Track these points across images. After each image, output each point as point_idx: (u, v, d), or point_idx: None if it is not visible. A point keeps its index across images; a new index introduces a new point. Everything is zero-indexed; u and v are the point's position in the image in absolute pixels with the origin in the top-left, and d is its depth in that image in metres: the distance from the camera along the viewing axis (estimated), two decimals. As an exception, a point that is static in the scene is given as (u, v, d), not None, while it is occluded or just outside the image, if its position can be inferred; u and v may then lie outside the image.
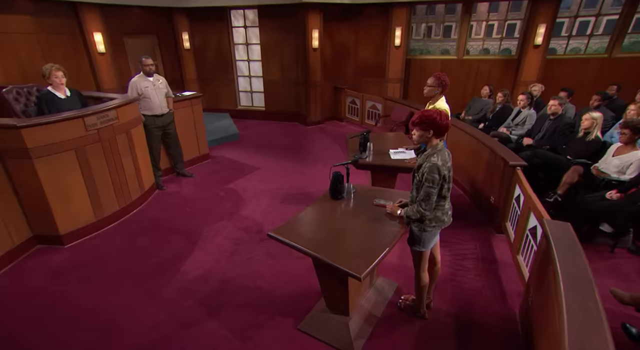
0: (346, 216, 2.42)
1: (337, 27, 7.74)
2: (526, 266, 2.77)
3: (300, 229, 2.30)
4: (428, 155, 2.09)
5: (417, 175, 2.14)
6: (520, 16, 7.52)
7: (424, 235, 2.25)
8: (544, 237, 2.22)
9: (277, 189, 4.75)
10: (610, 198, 3.36)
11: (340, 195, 2.61)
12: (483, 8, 7.89)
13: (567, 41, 7.68)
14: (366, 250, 2.03)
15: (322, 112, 8.03)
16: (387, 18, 7.45)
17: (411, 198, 2.26)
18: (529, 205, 2.79)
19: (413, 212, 2.17)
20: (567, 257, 1.85)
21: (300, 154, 6.17)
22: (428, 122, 2.06)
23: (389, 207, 2.41)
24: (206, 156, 5.78)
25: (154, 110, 4.52)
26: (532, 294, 2.26)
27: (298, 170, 5.40)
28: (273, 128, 7.91)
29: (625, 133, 3.54)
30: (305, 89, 7.69)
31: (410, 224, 2.27)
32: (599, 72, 7.22)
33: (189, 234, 3.72)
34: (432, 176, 2.03)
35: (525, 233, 2.87)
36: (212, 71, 8.42)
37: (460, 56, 7.69)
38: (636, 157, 3.52)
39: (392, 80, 7.84)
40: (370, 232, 2.23)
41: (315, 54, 7.34)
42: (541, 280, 2.12)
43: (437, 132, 2.07)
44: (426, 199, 2.09)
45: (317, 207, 2.55)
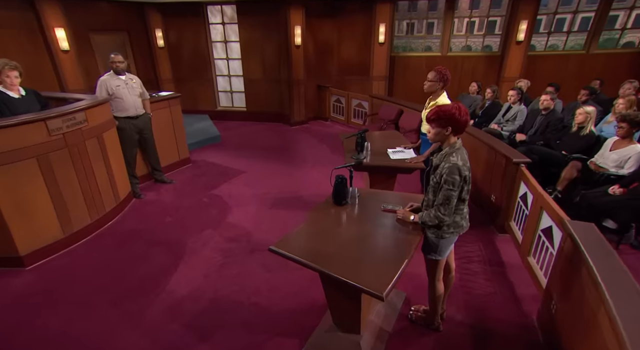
0: (354, 224, 2.19)
1: (320, 24, 7.52)
2: (540, 269, 2.64)
3: (304, 241, 2.05)
4: (446, 155, 1.90)
5: (433, 177, 1.94)
6: (501, 13, 7.56)
7: (441, 243, 2.05)
8: (567, 240, 2.07)
9: (266, 193, 4.47)
10: (613, 193, 3.29)
11: (344, 201, 2.37)
12: (464, 5, 7.92)
13: (546, 38, 7.80)
14: (383, 263, 1.80)
15: (306, 111, 7.78)
16: (371, 14, 7.30)
17: (426, 202, 2.05)
18: (540, 204, 2.66)
19: (430, 217, 1.96)
20: (603, 264, 1.70)
21: (286, 155, 5.91)
22: (446, 118, 1.86)
23: (400, 212, 2.20)
24: (186, 160, 5.40)
25: (127, 111, 4.14)
26: (556, 301, 2.11)
27: (285, 172, 5.14)
28: (256, 129, 7.59)
29: (623, 127, 3.50)
30: (289, 88, 7.42)
31: (426, 230, 2.07)
32: (579, 67, 7.35)
33: (173, 246, 3.39)
34: (453, 177, 1.83)
35: (536, 234, 2.74)
36: (189, 70, 8.00)
37: (445, 53, 7.64)
38: (634, 151, 3.49)
39: (377, 78, 7.71)
40: (383, 241, 2.01)
41: (298, 52, 7.09)
42: (568, 287, 1.97)
43: (455, 128, 1.88)
44: (446, 203, 1.89)
45: (320, 215, 2.30)
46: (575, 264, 1.92)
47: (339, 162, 5.45)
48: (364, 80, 7.82)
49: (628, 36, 7.88)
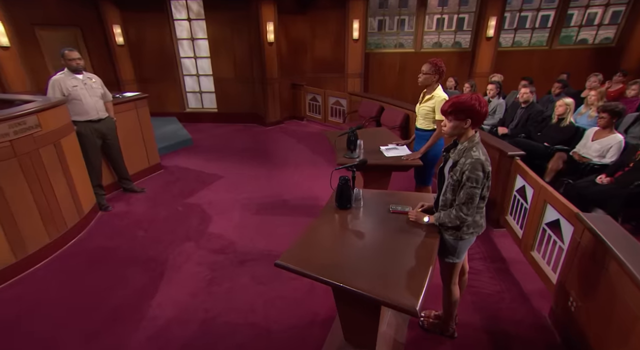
0: (363, 229, 1.98)
1: (292, 21, 7.27)
2: (547, 264, 2.57)
3: (312, 253, 1.81)
4: (466, 150, 1.74)
5: (453, 175, 1.77)
6: (470, 10, 7.69)
7: (460, 245, 1.90)
8: (584, 234, 1.99)
9: (248, 198, 4.17)
10: (601, 182, 3.33)
11: (349, 204, 2.16)
12: (434, 2, 7.95)
13: (513, 34, 8.04)
14: (406, 273, 1.61)
15: (282, 111, 7.51)
16: (344, 11, 7.16)
17: (443, 201, 1.89)
18: (543, 198, 2.60)
19: (450, 218, 1.80)
20: (633, 259, 1.60)
21: (264, 157, 5.61)
22: (465, 109, 1.70)
23: (412, 214, 2.02)
24: (157, 167, 4.96)
25: (87, 114, 3.68)
26: (576, 298, 2.02)
27: (266, 175, 4.85)
28: (229, 131, 7.21)
29: (604, 117, 3.57)
30: (262, 87, 7.10)
31: (443, 232, 1.90)
32: (543, 62, 7.65)
33: (150, 263, 3.02)
34: (476, 174, 1.68)
35: (539, 228, 2.68)
36: (153, 70, 7.45)
37: (418, 49, 7.67)
38: (615, 140, 3.56)
39: (352, 75, 7.59)
40: (400, 247, 1.82)
41: (271, 49, 6.80)
42: (592, 284, 1.88)
43: (475, 121, 1.73)
44: (469, 201, 1.73)
45: (324, 221, 2.08)
46: (599, 260, 1.83)
47: (321, 162, 5.27)
48: (339, 77, 7.67)
49: (583, 33, 8.27)
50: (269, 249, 3.19)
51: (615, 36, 7.71)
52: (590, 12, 8.24)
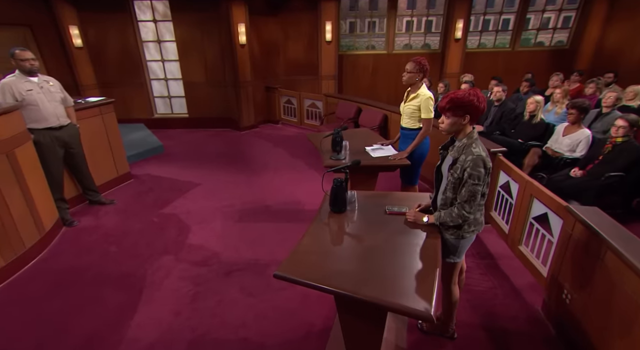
0: (361, 233, 1.90)
1: (264, 22, 7.13)
2: (537, 257, 2.61)
3: (312, 260, 1.70)
4: (465, 147, 1.70)
5: (453, 173, 1.73)
6: (437, 12, 7.91)
7: (461, 244, 1.86)
8: (576, 226, 2.01)
9: (229, 205, 3.98)
10: (575, 175, 3.47)
11: (344, 208, 2.07)
12: (403, 4, 8.11)
13: (478, 37, 8.35)
14: (412, 276, 1.54)
15: (256, 115, 7.32)
16: (316, 12, 7.11)
17: (442, 200, 1.84)
18: (530, 192, 2.64)
19: (452, 217, 1.75)
20: (630, 249, 1.63)
21: (242, 162, 5.42)
22: (464, 105, 1.66)
23: (410, 214, 1.96)
24: (127, 176, 4.64)
25: (46, 121, 3.36)
26: (570, 290, 2.04)
27: (246, 181, 4.67)
28: (201, 136, 6.92)
29: (573, 113, 3.73)
30: (235, 90, 6.89)
31: (443, 231, 1.86)
32: (507, 63, 8.00)
33: (126, 281, 2.77)
34: (478, 171, 1.64)
35: (527, 222, 2.72)
36: (117, 74, 7.02)
37: (390, 51, 7.77)
38: (584, 135, 3.73)
39: (326, 77, 7.55)
40: (401, 249, 1.75)
41: (243, 51, 6.61)
42: (586, 275, 1.90)
43: (473, 117, 1.70)
44: (471, 199, 1.69)
45: (320, 227, 1.97)
46: (594, 251, 1.85)
47: (301, 166, 5.17)
48: (313, 79, 7.60)
49: (540, 37, 8.77)
50: (255, 257, 3.03)
51: (568, 39, 8.21)
52: (545, 17, 8.76)
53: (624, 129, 3.21)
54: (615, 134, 3.28)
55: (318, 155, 5.52)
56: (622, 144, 3.26)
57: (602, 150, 3.42)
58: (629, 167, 3.24)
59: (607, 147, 3.37)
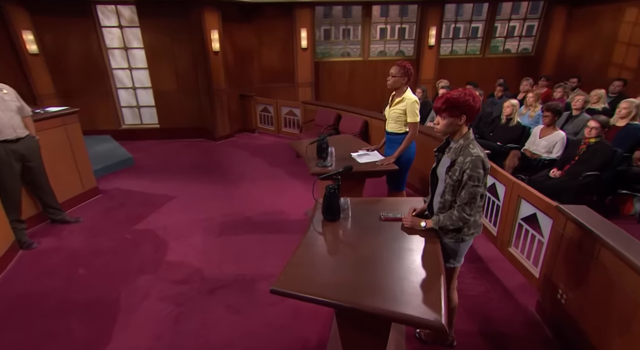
0: (357, 241, 1.84)
1: (238, 29, 7.04)
2: (527, 258, 2.65)
3: (310, 272, 1.62)
4: (463, 148, 1.69)
5: (452, 175, 1.72)
6: (409, 20, 8.15)
7: (461, 247, 1.85)
8: (567, 225, 2.05)
9: (208, 219, 3.81)
10: (554, 176, 3.59)
11: (338, 216, 2.01)
12: (376, 12, 8.30)
13: (451, 44, 8.67)
14: (417, 284, 1.50)
15: (231, 124, 7.17)
16: (291, 19, 7.13)
17: (441, 204, 1.82)
18: (517, 193, 2.69)
19: (453, 220, 1.73)
20: (627, 246, 1.67)
21: (219, 173, 5.25)
22: (460, 105, 1.66)
23: (407, 219, 1.93)
24: (94, 191, 4.35)
25: (1, 133, 3.09)
26: (565, 290, 2.07)
27: (224, 192, 4.52)
28: (174, 147, 6.67)
29: (548, 115, 3.89)
30: (209, 98, 6.72)
31: (442, 235, 1.84)
32: (479, 69, 8.34)
33: (97, 307, 2.55)
34: (478, 172, 1.64)
35: (515, 223, 2.76)
36: (79, 83, 6.64)
37: (366, 58, 7.89)
38: (559, 136, 3.90)
39: (303, 84, 7.55)
40: (401, 256, 1.70)
41: (217, 58, 6.48)
42: (581, 274, 1.93)
43: (469, 117, 1.70)
44: (472, 201, 1.68)
45: (314, 237, 1.90)
46: (587, 250, 1.89)
47: (281, 175, 5.08)
48: (289, 87, 7.58)
49: (507, 44, 9.24)
50: (240, 272, 2.89)
51: (533, 47, 8.69)
52: (511, 26, 9.25)
53: (597, 129, 3.37)
54: (589, 135, 3.44)
55: (298, 163, 5.51)
56: (595, 144, 3.42)
57: (578, 150, 3.57)
58: (603, 166, 3.39)
59: (582, 147, 3.53)
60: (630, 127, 3.79)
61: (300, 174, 5.04)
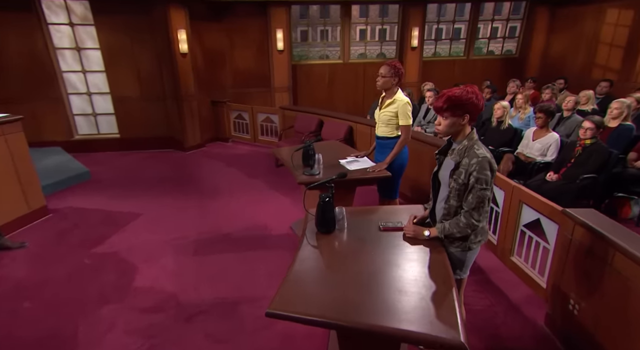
0: (358, 254, 1.80)
1: (207, 29, 6.98)
2: (532, 267, 2.69)
3: (309, 291, 1.57)
4: (467, 149, 1.71)
5: (457, 178, 1.72)
6: (390, 21, 8.38)
7: (468, 256, 1.86)
8: (576, 230, 2.10)
9: (180, 237, 3.67)
10: (550, 180, 3.71)
11: (333, 227, 1.97)
12: (355, 12, 8.48)
13: (434, 46, 8.97)
14: (427, 299, 1.47)
15: (202, 132, 7.03)
16: (265, 19, 7.16)
17: (446, 210, 1.82)
18: (518, 199, 2.75)
19: (460, 227, 1.73)
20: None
21: (190, 186, 5.11)
22: (462, 104, 1.68)
23: (409, 229, 1.92)
24: (43, 211, 4.10)
25: None
26: (577, 300, 2.10)
27: (197, 207, 4.39)
28: (139, 159, 6.45)
29: (541, 117, 4.05)
30: (177, 105, 6.57)
31: (447, 244, 1.83)
32: (464, 71, 8.65)
33: (52, 343, 2.36)
34: (485, 174, 1.65)
35: (517, 230, 2.81)
36: (20, 88, 6.27)
37: (346, 60, 8.00)
38: (553, 138, 4.05)
39: (280, 88, 7.56)
40: (407, 269, 1.68)
41: (185, 61, 6.37)
42: (594, 281, 1.97)
43: (473, 116, 1.72)
44: (480, 206, 1.69)
45: (309, 251, 1.85)
46: (599, 255, 1.93)
47: (260, 186, 5.00)
48: (265, 92, 7.57)
49: (490, 46, 9.66)
50: (220, 296, 2.78)
51: (516, 49, 9.13)
52: (494, 27, 9.71)
53: (592, 130, 3.53)
54: (584, 136, 3.59)
55: (278, 173, 5.50)
56: (591, 145, 3.57)
57: (573, 153, 3.72)
58: (600, 168, 3.54)
59: (578, 149, 3.68)
60: (622, 127, 3.99)
61: (282, 184, 4.99)
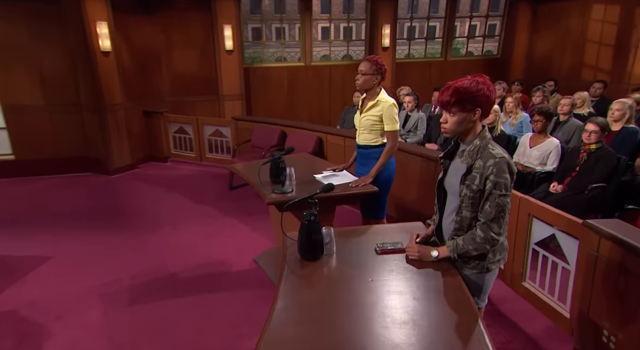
0: (355, 284, 1.74)
1: (136, 23, 6.87)
2: (551, 294, 2.73)
3: (301, 335, 1.47)
4: (480, 149, 1.71)
5: (470, 184, 1.71)
6: (357, 17, 8.70)
7: (486, 279, 1.85)
8: (604, 244, 2.15)
9: (110, 282, 3.44)
10: (555, 191, 3.88)
11: (320, 252, 1.90)
12: (316, 7, 8.71)
13: (407, 46, 9.38)
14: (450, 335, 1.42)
15: (133, 150, 6.76)
16: (210, 13, 7.20)
17: (458, 224, 1.80)
18: (527, 212, 2.81)
19: (477, 243, 1.71)
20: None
21: (119, 218, 4.86)
22: (473, 97, 1.69)
23: (413, 250, 1.89)
24: None
25: None
26: (612, 329, 2.13)
27: (131, 243, 4.19)
28: (44, 187, 6.07)
29: (540, 120, 4.26)
30: (98, 116, 6.28)
31: (461, 267, 1.81)
32: (441, 73, 9.10)
33: None
34: (504, 177, 1.65)
35: (528, 249, 2.86)
36: None
37: (308, 63, 8.16)
38: (553, 144, 4.27)
39: (230, 96, 7.57)
40: (418, 299, 1.63)
41: (107, 61, 6.15)
42: (632, 304, 2.01)
43: (485, 111, 1.75)
44: (500, 216, 1.69)
45: (294, 284, 1.76)
46: (635, 272, 1.98)
47: (211, 212, 4.96)
48: (212, 100, 7.54)
49: (469, 47, 10.28)
50: (170, 356, 2.57)
51: (498, 49, 9.78)
52: (472, 25, 10.35)
53: (596, 134, 3.75)
54: (588, 141, 3.81)
55: (234, 197, 5.47)
56: (597, 151, 3.79)
57: (578, 160, 3.92)
58: (608, 176, 3.75)
59: (582, 155, 3.89)
60: (626, 130, 4.29)
61: (239, 210, 4.95)
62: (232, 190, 5.58)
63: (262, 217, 4.52)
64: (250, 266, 3.66)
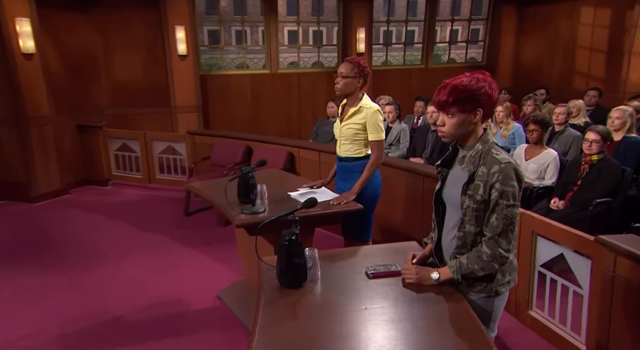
0: (345, 314, 1.72)
1: (67, 21, 6.82)
2: (562, 323, 2.77)
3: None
4: (483, 154, 1.73)
5: (473, 194, 1.72)
6: (328, 19, 8.90)
7: (496, 305, 1.85)
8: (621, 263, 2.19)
9: (35, 332, 3.29)
10: (556, 208, 4.00)
11: (303, 279, 1.87)
12: (281, 8, 8.86)
13: (385, 53, 9.64)
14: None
15: (63, 172, 6.60)
16: (158, 11, 7.23)
17: (461, 240, 1.80)
18: (530, 230, 2.87)
19: (483, 261, 1.71)
20: None
21: (48, 253, 4.73)
22: (474, 96, 1.72)
23: (410, 273, 1.88)
24: None
25: None
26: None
27: (61, 283, 4.06)
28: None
29: (536, 130, 4.41)
30: (18, 131, 6.12)
31: (466, 291, 1.81)
32: (422, 81, 9.42)
33: None
34: (512, 185, 1.67)
35: (533, 273, 2.91)
36: None
37: (274, 70, 8.27)
38: (551, 156, 4.42)
39: (184, 108, 7.59)
40: (421, 327, 1.62)
41: (31, 65, 6.01)
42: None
43: (487, 111, 1.78)
44: (508, 229, 1.69)
45: (272, 318, 1.71)
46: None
47: (161, 242, 4.92)
48: (162, 113, 7.53)
49: (451, 54, 10.68)
50: None
51: (482, 56, 10.20)
52: (454, 29, 10.79)
53: (597, 143, 3.92)
54: (589, 151, 3.97)
55: (190, 224, 5.45)
56: (599, 162, 3.95)
57: (579, 173, 4.07)
58: (613, 190, 3.90)
59: (584, 168, 4.04)
60: (628, 140, 4.50)
61: (198, 238, 4.94)
62: (189, 216, 5.55)
63: (224, 247, 4.48)
64: (214, 303, 3.60)
